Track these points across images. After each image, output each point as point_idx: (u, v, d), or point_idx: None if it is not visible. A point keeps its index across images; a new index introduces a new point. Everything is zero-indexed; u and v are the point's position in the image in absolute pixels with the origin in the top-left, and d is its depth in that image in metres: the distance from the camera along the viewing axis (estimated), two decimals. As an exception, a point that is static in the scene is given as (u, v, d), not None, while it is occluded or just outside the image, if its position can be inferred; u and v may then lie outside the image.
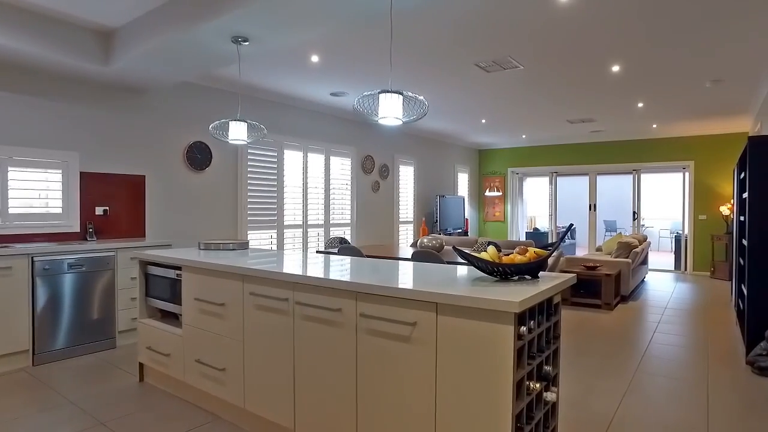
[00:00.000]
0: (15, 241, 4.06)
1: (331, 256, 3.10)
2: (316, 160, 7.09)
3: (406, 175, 9.10)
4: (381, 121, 2.48)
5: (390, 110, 2.42)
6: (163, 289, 3.20)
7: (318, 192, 7.15)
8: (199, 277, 2.84)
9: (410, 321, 1.85)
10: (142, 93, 4.91)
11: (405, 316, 1.87)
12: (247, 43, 3.37)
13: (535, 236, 11.31)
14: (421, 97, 2.56)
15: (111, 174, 4.68)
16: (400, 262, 2.73)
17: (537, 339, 1.84)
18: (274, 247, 6.46)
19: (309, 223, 6.99)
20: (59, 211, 4.33)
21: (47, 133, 4.27)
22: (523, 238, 11.41)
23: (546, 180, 11.00)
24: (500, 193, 11.32)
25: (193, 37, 3.31)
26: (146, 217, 4.97)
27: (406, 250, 5.59)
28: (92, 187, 4.55)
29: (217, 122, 3.38)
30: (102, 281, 4.09)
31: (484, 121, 8.11)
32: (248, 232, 6.08)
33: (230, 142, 3.35)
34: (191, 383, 2.92)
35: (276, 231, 6.48)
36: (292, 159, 6.68)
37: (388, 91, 2.41)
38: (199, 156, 5.42)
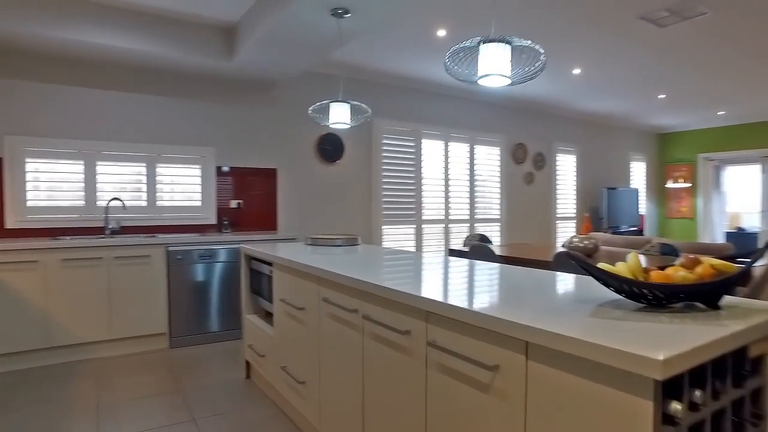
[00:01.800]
0: (161, 232, 4.38)
1: (447, 258, 2.57)
2: (459, 149, 6.53)
3: (566, 165, 7.96)
4: (481, 82, 1.87)
5: (493, 66, 1.79)
6: (262, 285, 3.03)
7: (461, 184, 6.59)
8: (285, 276, 2.57)
9: (490, 363, 1.24)
10: (271, 87, 4.96)
11: (483, 355, 1.27)
12: (348, 15, 3.01)
13: (738, 238, 9.01)
14: (537, 46, 1.87)
15: (244, 168, 4.82)
16: (519, 269, 2.07)
17: (713, 421, 1.06)
18: (412, 244, 6.11)
19: (451, 218, 6.48)
20: (198, 204, 4.58)
21: (187, 131, 4.53)
22: (720, 240, 9.20)
23: (756, 168, 8.68)
24: (688, 185, 9.30)
25: (292, 16, 3.07)
26: (278, 210, 5.02)
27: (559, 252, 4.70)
28: (227, 181, 4.73)
29: (317, 104, 3.09)
30: (230, 272, 4.18)
31: (662, 96, 6.61)
32: (383, 227, 5.82)
33: (330, 126, 3.03)
34: (279, 390, 2.68)
35: (414, 226, 6.12)
36: (432, 149, 6.23)
37: (490, 40, 1.79)
38: (330, 148, 5.32)
